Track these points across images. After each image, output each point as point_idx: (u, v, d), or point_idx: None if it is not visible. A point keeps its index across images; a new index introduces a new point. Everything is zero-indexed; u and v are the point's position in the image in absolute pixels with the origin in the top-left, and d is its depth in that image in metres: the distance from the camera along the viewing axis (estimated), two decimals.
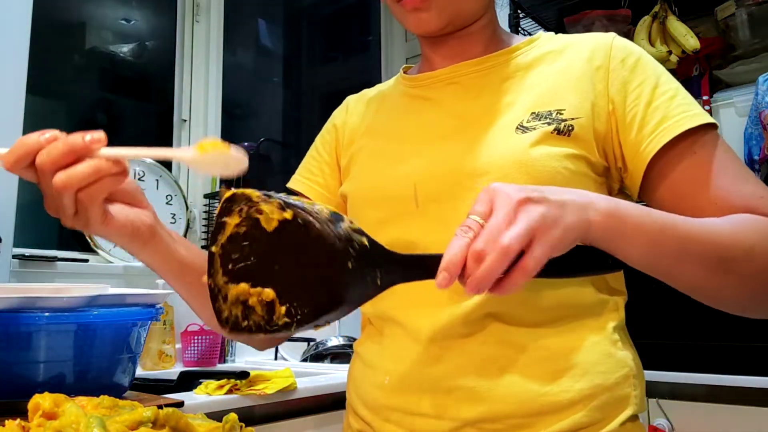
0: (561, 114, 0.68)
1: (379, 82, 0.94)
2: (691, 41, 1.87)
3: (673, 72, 2.02)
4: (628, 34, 2.11)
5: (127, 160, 0.57)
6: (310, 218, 0.48)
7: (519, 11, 2.15)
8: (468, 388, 0.65)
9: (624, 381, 0.68)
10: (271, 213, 0.49)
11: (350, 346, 1.86)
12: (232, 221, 0.50)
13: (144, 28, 2.23)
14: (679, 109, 0.66)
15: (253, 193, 0.49)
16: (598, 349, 0.67)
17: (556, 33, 0.80)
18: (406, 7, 0.72)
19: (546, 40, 0.78)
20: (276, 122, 2.73)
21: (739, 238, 0.59)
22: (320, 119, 0.94)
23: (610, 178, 0.71)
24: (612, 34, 0.74)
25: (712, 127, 0.66)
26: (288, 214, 0.48)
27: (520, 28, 2.15)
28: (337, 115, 0.90)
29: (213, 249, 0.51)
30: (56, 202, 0.57)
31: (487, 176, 0.67)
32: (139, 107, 2.20)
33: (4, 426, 0.51)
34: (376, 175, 0.76)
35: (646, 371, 0.72)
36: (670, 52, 1.91)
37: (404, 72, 0.87)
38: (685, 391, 1.42)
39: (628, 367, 0.69)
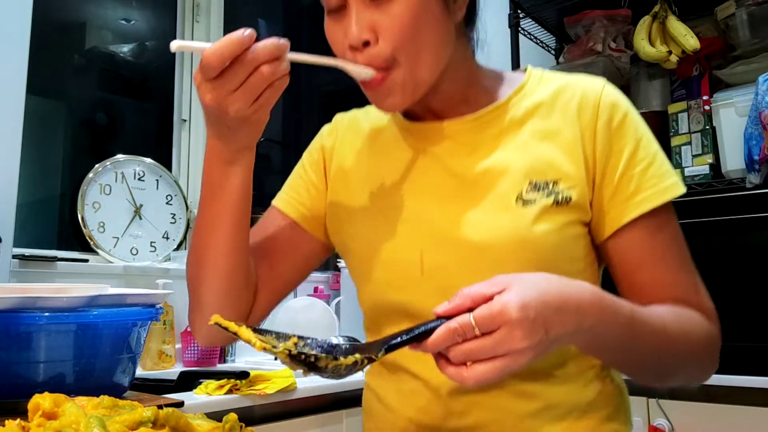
0: (557, 185, 0.71)
1: None
2: (691, 41, 1.87)
3: (673, 72, 2.03)
4: (628, 34, 2.11)
5: (309, 63, 0.65)
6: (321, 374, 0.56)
7: (519, 11, 2.15)
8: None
9: (616, 411, 0.75)
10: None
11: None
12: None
13: (144, 28, 2.23)
14: (650, 182, 0.70)
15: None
16: (594, 387, 0.73)
17: (558, 36, 0.80)
18: (372, 94, 0.72)
19: (534, 84, 0.77)
20: (276, 122, 2.73)
21: (682, 349, 0.68)
22: (320, 119, 0.93)
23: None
24: (602, 84, 0.75)
25: (671, 203, 0.72)
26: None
27: (520, 28, 2.15)
28: (326, 136, 0.88)
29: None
30: (245, 93, 0.62)
31: (491, 251, 0.70)
32: (139, 107, 2.20)
33: (4, 426, 0.51)
34: (382, 235, 0.76)
35: None
36: (670, 52, 1.90)
37: None
38: (685, 391, 1.42)
39: (619, 397, 0.76)
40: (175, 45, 0.63)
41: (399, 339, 0.55)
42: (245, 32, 0.60)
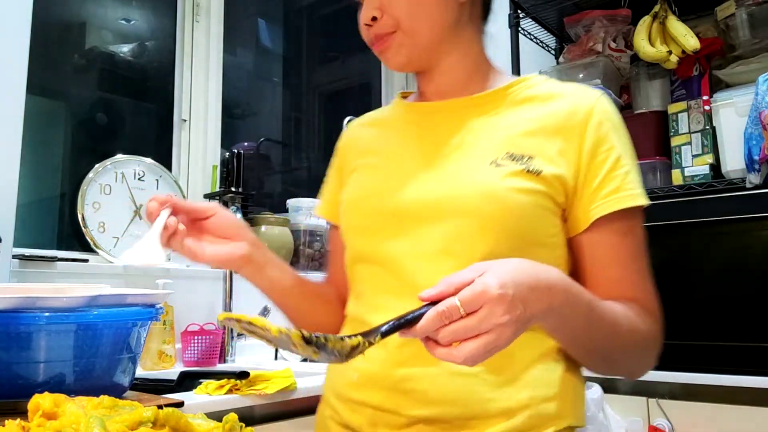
0: (532, 160, 0.77)
1: (379, 82, 0.99)
2: (691, 41, 1.87)
3: (673, 72, 2.03)
4: (628, 34, 2.11)
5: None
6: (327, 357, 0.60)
7: (519, 11, 2.15)
8: (422, 391, 0.75)
9: (561, 395, 0.77)
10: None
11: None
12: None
13: (144, 28, 2.23)
14: (630, 185, 0.77)
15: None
16: (541, 366, 0.77)
17: (558, 36, 0.84)
18: (375, 51, 0.85)
19: (537, 82, 0.85)
20: (276, 122, 2.73)
21: (628, 342, 0.75)
22: (320, 119, 0.96)
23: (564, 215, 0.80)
24: (598, 94, 0.81)
25: (643, 211, 0.79)
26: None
27: (520, 28, 2.15)
28: (341, 139, 0.99)
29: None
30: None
31: (458, 200, 0.77)
32: (139, 107, 2.20)
33: (4, 426, 0.51)
34: (367, 187, 0.86)
35: None
36: (670, 52, 1.91)
37: (402, 97, 0.95)
38: (685, 391, 1.42)
39: (568, 382, 0.78)
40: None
41: (391, 324, 0.59)
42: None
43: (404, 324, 0.58)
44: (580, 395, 0.81)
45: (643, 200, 0.78)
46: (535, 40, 2.27)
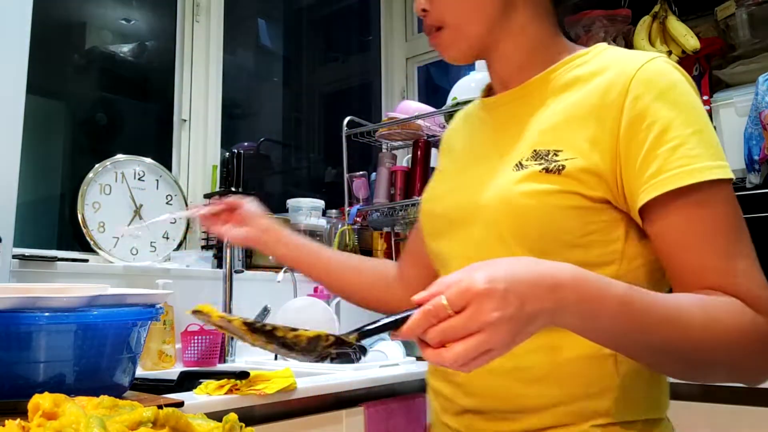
0: (557, 155, 0.72)
1: (379, 82, 1.01)
2: (691, 41, 1.87)
3: None
4: (628, 34, 2.11)
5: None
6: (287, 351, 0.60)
7: None
8: (467, 384, 0.79)
9: (607, 391, 0.73)
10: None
11: (350, 346, 1.86)
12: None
13: (144, 28, 2.23)
14: (677, 163, 0.66)
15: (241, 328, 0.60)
16: (585, 362, 0.73)
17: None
18: (430, 44, 0.86)
19: (590, 57, 0.78)
20: (276, 122, 2.73)
21: (705, 337, 0.62)
22: (320, 119, 0.97)
23: (622, 206, 0.72)
24: (643, 61, 0.72)
25: (716, 183, 0.66)
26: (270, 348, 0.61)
27: None
28: (446, 130, 1.03)
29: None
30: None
31: (484, 210, 0.77)
32: (139, 107, 2.20)
33: (4, 426, 0.51)
34: (432, 191, 0.92)
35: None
36: (670, 52, 1.91)
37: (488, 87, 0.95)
38: (685, 391, 1.42)
39: (621, 378, 0.73)
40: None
41: (376, 325, 0.57)
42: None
43: (390, 325, 0.56)
44: (640, 389, 0.74)
45: (695, 176, 0.65)
46: None
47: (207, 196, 2.10)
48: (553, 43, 0.82)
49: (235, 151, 2.07)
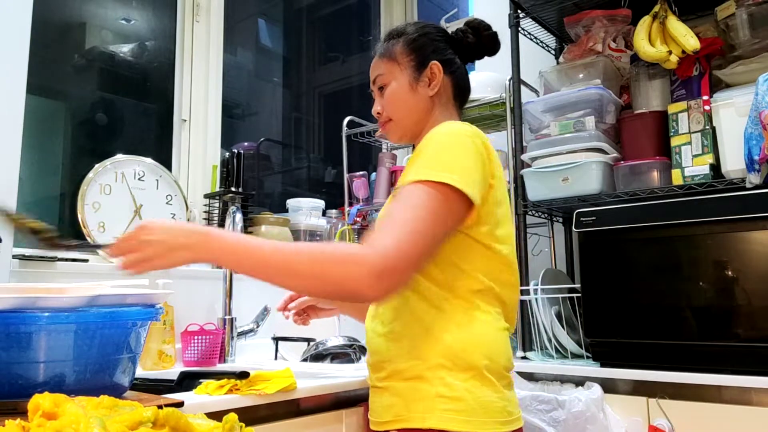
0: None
1: None
2: (691, 41, 1.87)
3: (673, 72, 2.02)
4: (628, 34, 2.10)
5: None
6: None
7: (519, 11, 2.15)
8: (368, 344, 1.18)
9: (384, 351, 1.14)
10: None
11: (350, 346, 1.86)
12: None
13: (144, 28, 2.23)
14: (412, 172, 1.04)
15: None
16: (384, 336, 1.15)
17: (558, 36, 0.84)
18: (380, 131, 1.29)
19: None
20: (276, 122, 2.73)
21: (295, 259, 0.96)
22: (320, 119, 0.97)
23: None
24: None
25: (416, 183, 1.01)
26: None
27: (520, 28, 2.15)
28: (484, 137, 1.21)
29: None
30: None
31: None
32: (139, 107, 2.20)
33: (4, 426, 0.51)
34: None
35: (646, 371, 0.74)
36: (670, 52, 1.90)
37: None
38: (685, 391, 1.42)
39: (387, 344, 1.13)
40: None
41: (85, 243, 0.86)
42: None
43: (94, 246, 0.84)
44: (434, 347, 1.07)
45: (409, 178, 1.03)
46: (535, 40, 2.27)
47: (207, 196, 2.10)
48: (435, 121, 1.22)
49: (235, 151, 2.07)
